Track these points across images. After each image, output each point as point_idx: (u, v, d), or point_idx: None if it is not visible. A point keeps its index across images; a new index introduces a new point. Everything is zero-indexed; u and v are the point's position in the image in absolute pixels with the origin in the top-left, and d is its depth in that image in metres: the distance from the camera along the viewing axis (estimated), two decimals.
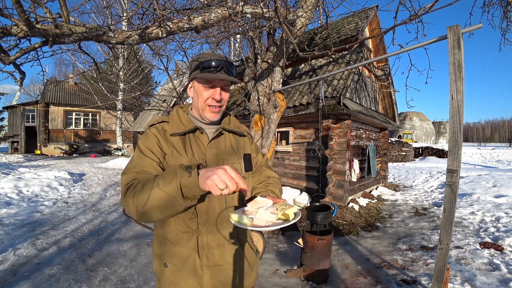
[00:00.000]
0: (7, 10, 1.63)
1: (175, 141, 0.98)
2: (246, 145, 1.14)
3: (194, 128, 1.01)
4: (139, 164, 0.92)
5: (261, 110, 3.76)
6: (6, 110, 19.22)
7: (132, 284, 2.54)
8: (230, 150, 1.06)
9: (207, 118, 1.03)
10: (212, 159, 1.00)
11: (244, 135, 1.15)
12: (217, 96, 0.98)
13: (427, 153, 18.06)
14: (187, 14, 2.36)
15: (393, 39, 2.95)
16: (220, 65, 0.95)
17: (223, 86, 1.00)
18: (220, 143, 1.05)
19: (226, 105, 1.07)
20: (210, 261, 0.96)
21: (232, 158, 1.05)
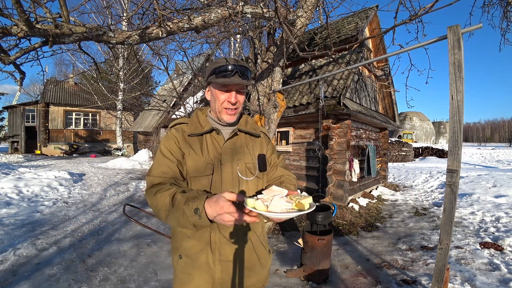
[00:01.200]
0: (7, 10, 1.63)
1: (193, 141, 1.05)
2: (262, 145, 1.18)
3: (211, 129, 1.07)
4: (159, 167, 1.00)
5: (261, 110, 3.76)
6: (6, 110, 19.21)
7: (132, 284, 2.54)
8: (245, 150, 1.10)
9: (224, 120, 1.08)
10: (227, 159, 1.05)
11: (259, 136, 1.18)
12: (232, 99, 1.03)
13: (427, 153, 18.05)
14: (187, 14, 2.36)
15: (393, 39, 2.95)
16: (235, 69, 1.00)
17: (238, 89, 1.05)
18: (235, 143, 1.09)
19: (242, 107, 1.11)
20: (222, 256, 1.01)
21: (246, 158, 1.09)
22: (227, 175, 1.03)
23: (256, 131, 1.18)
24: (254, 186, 1.08)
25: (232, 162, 1.05)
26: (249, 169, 1.08)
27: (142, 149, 14.46)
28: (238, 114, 1.12)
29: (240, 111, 1.12)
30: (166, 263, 2.97)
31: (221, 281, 1.00)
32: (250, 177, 1.07)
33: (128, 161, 12.08)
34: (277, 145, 6.55)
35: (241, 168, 1.06)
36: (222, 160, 1.04)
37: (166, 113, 11.53)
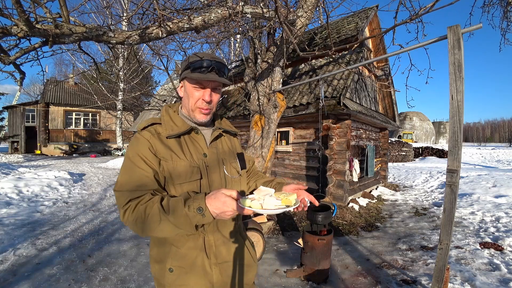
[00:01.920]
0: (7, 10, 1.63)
1: (172, 144, 0.94)
2: (237, 144, 1.20)
3: (189, 129, 0.99)
4: (131, 180, 0.86)
5: (261, 110, 3.76)
6: (6, 110, 19.24)
7: (132, 284, 2.54)
8: (227, 150, 1.09)
9: (196, 119, 1.01)
10: (212, 160, 1.01)
11: (236, 135, 1.21)
12: (207, 97, 0.96)
13: (427, 153, 18.06)
14: (187, 14, 2.36)
15: (393, 39, 2.95)
16: (211, 65, 0.93)
17: (214, 87, 0.98)
18: (218, 144, 1.07)
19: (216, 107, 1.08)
20: (218, 259, 0.98)
21: (230, 159, 1.08)
22: (215, 176, 1.00)
23: (232, 128, 1.18)
24: (237, 185, 1.07)
25: (218, 162, 1.02)
26: (234, 168, 1.08)
27: None
28: (212, 114, 1.06)
29: (214, 111, 1.06)
30: None
31: (220, 283, 0.98)
32: (235, 175, 1.07)
33: None
34: (277, 145, 6.55)
35: (227, 167, 1.05)
36: (207, 161, 0.99)
37: None
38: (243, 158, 1.14)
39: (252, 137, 3.84)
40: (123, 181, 0.87)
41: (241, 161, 1.12)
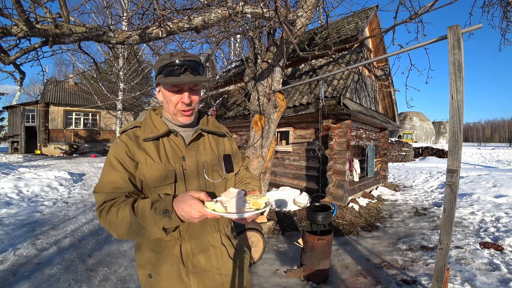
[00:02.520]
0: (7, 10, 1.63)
1: (149, 147, 0.93)
2: (226, 145, 1.12)
3: (168, 131, 0.95)
4: (108, 181, 0.87)
5: (261, 110, 3.76)
6: (6, 110, 19.24)
7: (132, 284, 2.54)
8: (210, 152, 1.03)
9: (180, 122, 0.98)
10: (191, 163, 0.96)
11: (224, 135, 1.12)
12: (186, 100, 0.92)
13: (427, 153, 18.06)
14: (187, 14, 2.36)
15: (393, 39, 2.95)
16: (184, 65, 0.88)
17: (191, 87, 0.93)
18: (199, 146, 1.01)
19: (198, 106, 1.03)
20: (196, 268, 0.94)
21: (212, 161, 1.02)
22: (193, 180, 0.95)
23: (220, 129, 1.11)
24: (222, 189, 1.01)
25: (197, 165, 0.97)
26: (216, 171, 1.02)
27: None
28: (196, 114, 1.02)
29: (197, 110, 1.02)
30: None
31: None
32: (217, 179, 1.01)
33: None
34: (277, 145, 6.55)
35: (207, 170, 0.99)
36: (185, 164, 0.95)
37: None
38: (230, 160, 1.07)
39: (252, 137, 3.84)
40: (100, 183, 0.89)
41: (228, 163, 1.06)
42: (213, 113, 5.82)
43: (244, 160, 1.22)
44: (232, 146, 1.14)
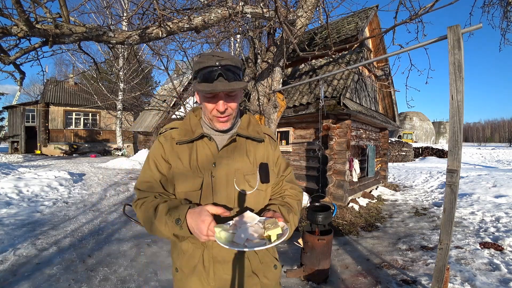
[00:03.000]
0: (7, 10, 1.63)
1: (181, 150, 0.92)
2: (267, 151, 1.00)
3: (201, 135, 0.93)
4: (144, 179, 0.95)
5: (261, 110, 3.76)
6: (6, 110, 19.23)
7: (132, 284, 2.54)
8: (244, 159, 0.95)
9: (216, 128, 0.94)
10: (221, 170, 0.91)
11: (263, 141, 1.00)
12: (220, 108, 0.87)
13: (427, 153, 18.06)
14: (187, 14, 2.36)
15: (393, 39, 2.95)
16: (218, 71, 0.83)
17: (227, 93, 0.87)
18: (233, 152, 0.94)
19: (237, 111, 0.95)
20: (216, 275, 0.93)
21: (246, 169, 0.94)
22: (221, 188, 0.90)
23: (260, 134, 0.99)
24: (254, 200, 0.94)
25: (228, 173, 0.91)
26: (248, 181, 0.93)
27: (142, 149, 14.47)
28: (233, 119, 0.95)
29: (235, 115, 0.95)
30: (166, 263, 2.97)
31: None
32: (249, 190, 0.92)
33: (128, 161, 12.08)
34: None
35: (238, 179, 0.92)
36: (214, 171, 0.90)
37: (166, 113, 11.52)
38: (266, 169, 0.96)
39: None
40: (139, 180, 0.97)
41: (263, 173, 0.95)
42: None
43: (286, 169, 1.07)
44: (272, 153, 1.02)
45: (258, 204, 0.96)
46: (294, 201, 1.01)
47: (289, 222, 0.91)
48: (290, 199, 1.01)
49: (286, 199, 1.00)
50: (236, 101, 0.92)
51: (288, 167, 1.09)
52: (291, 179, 1.08)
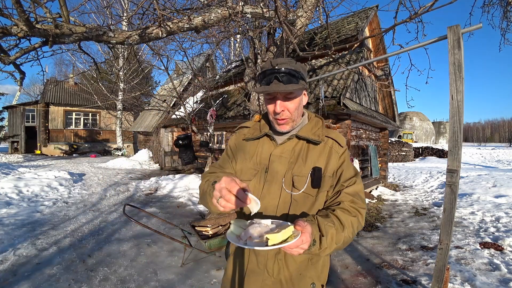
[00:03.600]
0: (7, 10, 1.63)
1: (246, 146, 1.03)
2: (325, 156, 0.95)
3: (264, 134, 1.01)
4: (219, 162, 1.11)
5: (261, 110, 3.76)
6: (6, 110, 19.22)
7: (132, 284, 2.54)
8: (297, 160, 0.94)
9: (276, 129, 0.98)
10: (274, 167, 0.94)
11: (318, 143, 0.96)
12: (277, 109, 0.90)
13: (427, 153, 18.06)
14: (187, 14, 2.36)
15: (393, 39, 2.95)
16: (274, 74, 0.87)
17: (285, 95, 0.90)
18: (287, 150, 0.96)
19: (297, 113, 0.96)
20: (251, 285, 0.94)
21: (297, 170, 0.92)
22: (271, 186, 0.93)
23: (319, 137, 0.96)
24: (302, 203, 0.91)
25: (279, 172, 0.93)
26: (297, 182, 0.91)
27: (142, 149, 14.47)
28: (292, 122, 0.96)
29: (296, 118, 0.96)
30: (166, 263, 2.97)
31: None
32: (295, 192, 0.91)
33: (128, 161, 12.08)
34: None
35: (287, 179, 0.92)
36: (269, 168, 0.94)
37: (166, 113, 11.52)
38: (319, 175, 0.91)
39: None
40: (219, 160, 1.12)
41: (315, 177, 0.91)
42: (213, 113, 5.82)
43: (350, 180, 0.93)
44: (334, 160, 0.94)
45: (305, 208, 0.92)
46: (345, 216, 0.85)
47: (324, 236, 0.77)
48: (341, 212, 0.86)
49: (336, 211, 0.86)
50: (296, 103, 0.93)
51: (354, 179, 0.94)
52: (355, 192, 0.92)
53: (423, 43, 2.12)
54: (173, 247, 3.35)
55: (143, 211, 3.18)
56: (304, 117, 1.04)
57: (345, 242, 0.84)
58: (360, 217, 0.89)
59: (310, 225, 0.74)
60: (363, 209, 0.90)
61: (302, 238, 0.69)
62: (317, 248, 0.75)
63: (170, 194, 6.43)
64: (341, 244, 0.83)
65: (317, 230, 0.76)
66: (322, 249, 0.76)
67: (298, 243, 0.69)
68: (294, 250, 0.70)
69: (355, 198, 0.90)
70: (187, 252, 2.95)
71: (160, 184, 7.20)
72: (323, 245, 0.76)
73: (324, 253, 0.79)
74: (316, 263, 0.98)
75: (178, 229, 3.43)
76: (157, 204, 5.50)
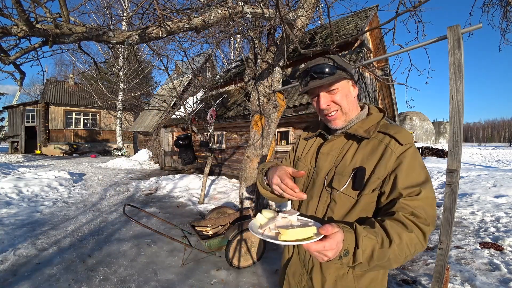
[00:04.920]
0: (7, 10, 1.63)
1: (304, 145, 1.07)
2: (374, 154, 0.83)
3: (318, 133, 1.03)
4: (284, 158, 1.18)
5: (261, 110, 3.76)
6: (6, 110, 19.21)
7: (132, 284, 2.54)
8: (344, 158, 0.88)
9: (330, 126, 0.96)
10: (321, 165, 0.93)
11: (364, 138, 0.87)
12: (322, 105, 0.90)
13: (427, 153, 18.06)
14: (187, 14, 2.36)
15: (393, 39, 2.95)
16: (308, 73, 0.90)
17: (326, 90, 0.89)
18: (336, 149, 0.92)
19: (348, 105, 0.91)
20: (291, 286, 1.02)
21: (341, 168, 0.87)
22: (317, 183, 0.92)
23: (367, 133, 0.86)
24: (340, 205, 0.85)
25: (323, 169, 0.92)
26: (338, 181, 0.85)
27: (142, 149, 14.47)
28: (344, 115, 0.91)
29: (346, 111, 0.91)
30: (166, 263, 2.97)
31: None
32: (335, 192, 0.85)
33: (128, 161, 12.08)
34: (277, 145, 6.55)
35: (329, 177, 0.88)
36: (316, 165, 0.95)
37: (166, 113, 11.52)
38: (362, 175, 0.81)
39: (252, 137, 3.84)
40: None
41: (358, 178, 0.81)
42: (213, 113, 5.82)
43: (409, 188, 0.75)
44: (388, 159, 0.80)
45: (343, 211, 0.85)
46: (396, 229, 0.69)
47: (359, 249, 0.66)
48: (391, 224, 0.71)
49: (386, 222, 0.71)
50: (339, 95, 0.89)
51: (418, 188, 0.75)
52: (419, 205, 0.73)
53: (423, 43, 2.12)
54: (173, 247, 3.35)
55: (143, 211, 3.18)
56: (362, 112, 0.95)
57: (393, 260, 0.69)
58: (420, 234, 0.71)
59: (343, 232, 0.65)
60: (427, 226, 0.72)
61: (324, 243, 0.61)
62: (350, 260, 0.66)
63: (170, 194, 6.43)
64: (388, 263, 0.69)
65: (352, 239, 0.66)
66: (356, 263, 0.66)
67: (319, 248, 0.61)
68: (316, 254, 0.63)
69: (417, 210, 0.72)
70: (187, 252, 2.95)
71: (160, 184, 7.20)
72: (357, 259, 0.65)
73: (361, 268, 0.68)
74: (361, 277, 0.85)
75: (178, 229, 3.43)
76: (157, 204, 5.50)
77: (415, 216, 0.72)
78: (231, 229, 2.82)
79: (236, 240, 2.82)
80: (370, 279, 0.85)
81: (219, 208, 3.79)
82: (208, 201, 5.69)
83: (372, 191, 0.81)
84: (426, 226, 0.72)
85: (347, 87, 0.91)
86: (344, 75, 0.88)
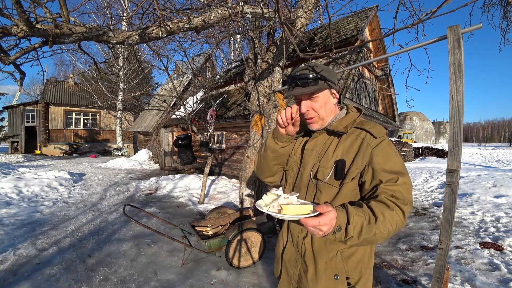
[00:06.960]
0: (7, 10, 1.63)
1: (296, 142, 1.16)
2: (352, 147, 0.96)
3: (304, 132, 1.15)
4: None
5: (261, 110, 3.76)
6: (6, 110, 19.21)
7: (132, 284, 2.54)
8: (326, 153, 1.01)
9: (308, 127, 1.09)
10: (307, 160, 1.06)
11: (342, 134, 1.00)
12: (302, 109, 1.02)
13: (427, 153, 18.05)
14: (187, 14, 2.36)
15: (393, 39, 2.94)
16: (294, 80, 1.01)
17: (309, 97, 1.01)
18: (320, 145, 1.05)
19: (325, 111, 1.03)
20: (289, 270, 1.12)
21: (324, 162, 0.99)
22: (304, 176, 1.06)
23: (344, 129, 0.99)
24: (325, 194, 0.97)
25: (309, 163, 1.05)
26: (322, 173, 0.98)
27: (142, 149, 14.47)
28: (320, 120, 1.04)
29: (322, 117, 1.03)
30: (166, 263, 2.97)
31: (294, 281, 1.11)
32: (320, 182, 0.98)
33: (128, 161, 12.08)
34: None
35: (314, 170, 1.01)
36: (302, 160, 1.08)
37: (166, 113, 11.52)
38: (342, 166, 0.93)
39: (252, 137, 3.84)
40: None
41: (338, 169, 0.94)
42: (213, 113, 5.82)
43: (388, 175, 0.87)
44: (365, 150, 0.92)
45: (328, 198, 0.97)
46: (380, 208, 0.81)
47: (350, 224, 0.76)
48: (376, 204, 0.83)
49: (371, 203, 0.83)
50: (318, 103, 1.02)
51: (396, 176, 0.87)
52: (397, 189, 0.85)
53: (423, 43, 2.12)
54: (173, 247, 3.35)
55: (143, 211, 3.18)
56: (342, 111, 1.09)
57: (379, 235, 0.80)
58: (400, 212, 0.83)
59: (336, 211, 0.75)
60: (405, 206, 0.84)
61: (320, 219, 0.71)
62: (342, 235, 0.76)
63: (170, 194, 6.43)
64: (374, 237, 0.79)
65: (344, 217, 0.76)
66: (348, 238, 0.76)
67: (315, 223, 0.71)
68: (312, 229, 0.73)
69: (396, 193, 0.85)
70: (187, 252, 2.95)
71: (160, 184, 7.20)
72: (348, 233, 0.76)
73: (351, 242, 0.79)
74: (348, 258, 0.98)
75: (178, 229, 3.43)
76: (157, 204, 5.50)
77: (395, 198, 0.84)
78: (231, 229, 2.82)
79: (236, 240, 2.82)
80: (357, 261, 0.98)
81: (219, 208, 3.79)
82: (208, 201, 5.69)
83: (351, 180, 0.93)
84: (405, 206, 0.84)
85: (327, 95, 1.03)
86: (325, 86, 0.99)
